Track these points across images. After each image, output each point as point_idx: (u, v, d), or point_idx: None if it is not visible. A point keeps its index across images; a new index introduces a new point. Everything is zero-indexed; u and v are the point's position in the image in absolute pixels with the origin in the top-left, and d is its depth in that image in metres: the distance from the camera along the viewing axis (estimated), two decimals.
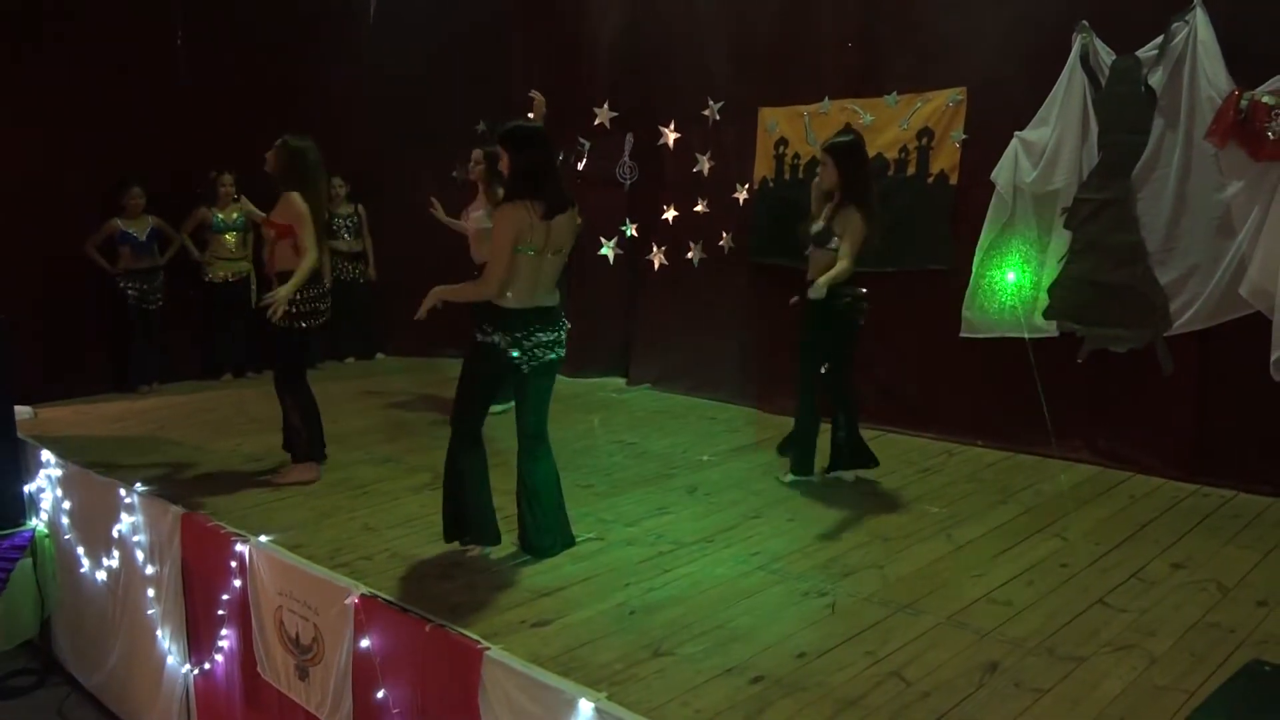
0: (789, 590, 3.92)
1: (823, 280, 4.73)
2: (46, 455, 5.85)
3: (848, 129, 6.25)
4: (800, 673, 3.26)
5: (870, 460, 5.30)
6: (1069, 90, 5.48)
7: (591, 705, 3.01)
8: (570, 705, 3.04)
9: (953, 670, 3.27)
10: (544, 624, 3.61)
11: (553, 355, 4.18)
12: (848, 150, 4.98)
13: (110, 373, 7.68)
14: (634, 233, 7.64)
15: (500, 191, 6.32)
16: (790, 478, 5.26)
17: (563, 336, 4.23)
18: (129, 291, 7.59)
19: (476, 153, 6.80)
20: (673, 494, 5.14)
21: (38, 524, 5.96)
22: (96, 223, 7.46)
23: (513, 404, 4.36)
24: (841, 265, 4.79)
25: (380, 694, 3.68)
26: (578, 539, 4.40)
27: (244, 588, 4.38)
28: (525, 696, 3.19)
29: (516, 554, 4.30)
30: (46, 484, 5.89)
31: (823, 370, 5.10)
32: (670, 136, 7.33)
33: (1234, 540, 4.45)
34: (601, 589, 3.94)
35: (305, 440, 5.40)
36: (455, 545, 4.31)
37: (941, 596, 3.85)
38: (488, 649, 3.36)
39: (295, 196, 5.11)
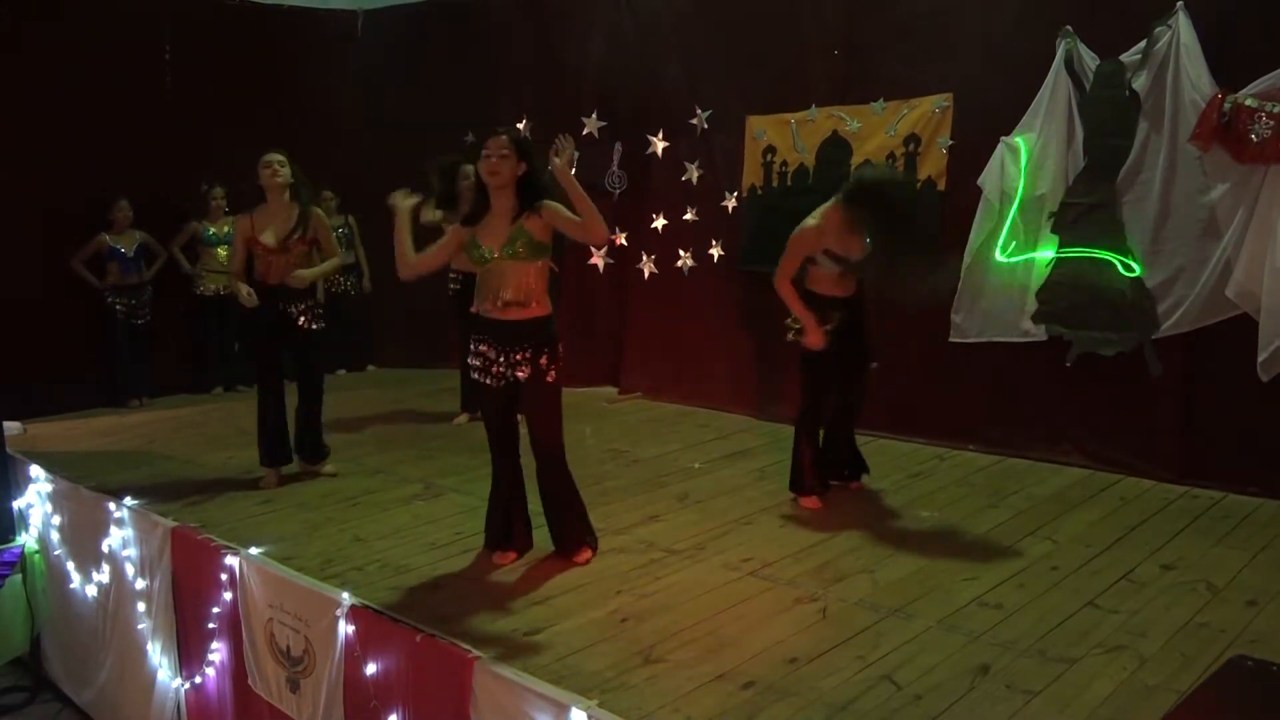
0: (780, 596, 3.92)
1: None
2: (36, 470, 5.82)
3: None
4: (791, 678, 3.25)
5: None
6: (1054, 95, 5.52)
7: (583, 713, 3.00)
8: (562, 713, 3.04)
9: (944, 673, 3.27)
10: (535, 632, 3.60)
11: None
12: None
13: (99, 387, 7.65)
14: (623, 242, 7.67)
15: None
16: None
17: None
18: (117, 307, 7.57)
19: (469, 168, 6.82)
20: (664, 501, 5.14)
21: (27, 540, 5.93)
22: (84, 237, 7.44)
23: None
24: None
25: (371, 705, 3.66)
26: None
27: (234, 600, 4.36)
28: (517, 705, 3.18)
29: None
30: (36, 499, 5.86)
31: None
32: (659, 145, 7.37)
33: (1223, 541, 4.47)
34: (592, 596, 3.93)
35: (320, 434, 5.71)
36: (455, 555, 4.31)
37: (933, 600, 3.86)
38: (479, 658, 3.35)
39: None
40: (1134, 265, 5.32)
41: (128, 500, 5.11)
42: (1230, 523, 4.71)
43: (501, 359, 4.08)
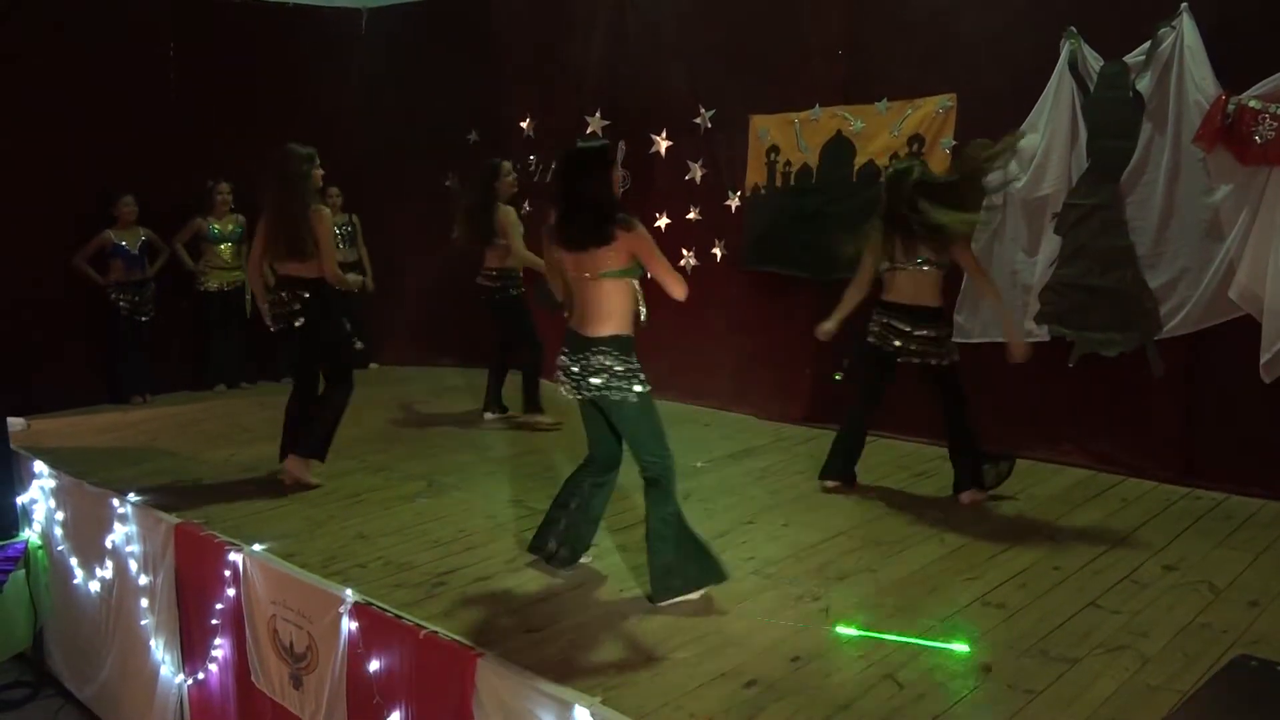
0: (783, 595, 3.93)
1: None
2: (39, 466, 5.84)
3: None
4: (794, 677, 3.26)
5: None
6: (1057, 96, 5.51)
7: (586, 710, 3.00)
8: (565, 710, 3.04)
9: (946, 673, 3.28)
10: (538, 629, 3.61)
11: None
12: None
13: (102, 384, 7.66)
14: None
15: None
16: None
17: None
18: (120, 303, 7.56)
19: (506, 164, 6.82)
20: None
21: (31, 535, 5.95)
22: (87, 234, 7.44)
23: None
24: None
25: (374, 701, 3.67)
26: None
27: (238, 597, 4.37)
28: (520, 702, 3.19)
29: (509, 560, 4.31)
30: (39, 495, 5.87)
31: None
32: (662, 145, 7.37)
33: (1225, 542, 4.47)
34: (595, 595, 3.94)
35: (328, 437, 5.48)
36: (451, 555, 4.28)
37: (935, 600, 3.86)
38: (482, 655, 3.35)
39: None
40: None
41: (131, 496, 5.12)
42: (1232, 524, 4.71)
43: None
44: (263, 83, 8.16)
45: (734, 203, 7.03)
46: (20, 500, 5.95)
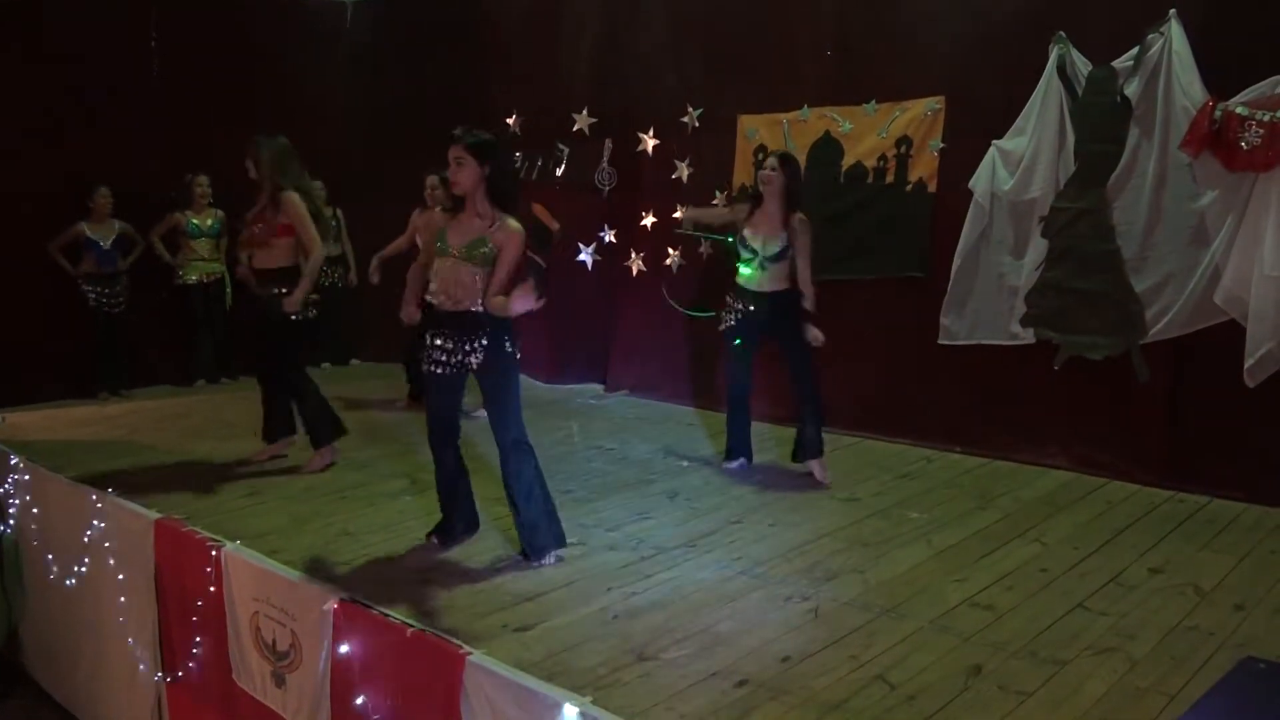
0: (771, 595, 3.91)
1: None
2: (15, 460, 5.74)
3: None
4: (784, 677, 3.25)
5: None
6: (1046, 100, 5.54)
7: (576, 710, 2.98)
8: (554, 710, 3.01)
9: (937, 674, 3.27)
10: (526, 628, 3.58)
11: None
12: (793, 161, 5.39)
13: (79, 377, 7.54)
14: (613, 239, 7.65)
15: None
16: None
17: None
18: (89, 295, 7.43)
19: (433, 178, 6.64)
20: (653, 499, 5.12)
21: (5, 530, 5.85)
22: (64, 225, 7.33)
23: None
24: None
25: (359, 700, 3.63)
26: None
27: (219, 593, 4.31)
28: (508, 701, 3.15)
29: (497, 559, 4.28)
30: (15, 490, 5.78)
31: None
32: (649, 143, 7.35)
33: (1210, 545, 4.50)
34: (584, 593, 3.91)
35: (323, 424, 5.56)
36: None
37: (924, 601, 3.86)
38: (469, 654, 3.32)
39: (294, 196, 5.29)
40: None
41: (110, 491, 5.04)
42: (1216, 527, 4.74)
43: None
44: (246, 76, 8.07)
45: (720, 202, 7.02)
46: None
